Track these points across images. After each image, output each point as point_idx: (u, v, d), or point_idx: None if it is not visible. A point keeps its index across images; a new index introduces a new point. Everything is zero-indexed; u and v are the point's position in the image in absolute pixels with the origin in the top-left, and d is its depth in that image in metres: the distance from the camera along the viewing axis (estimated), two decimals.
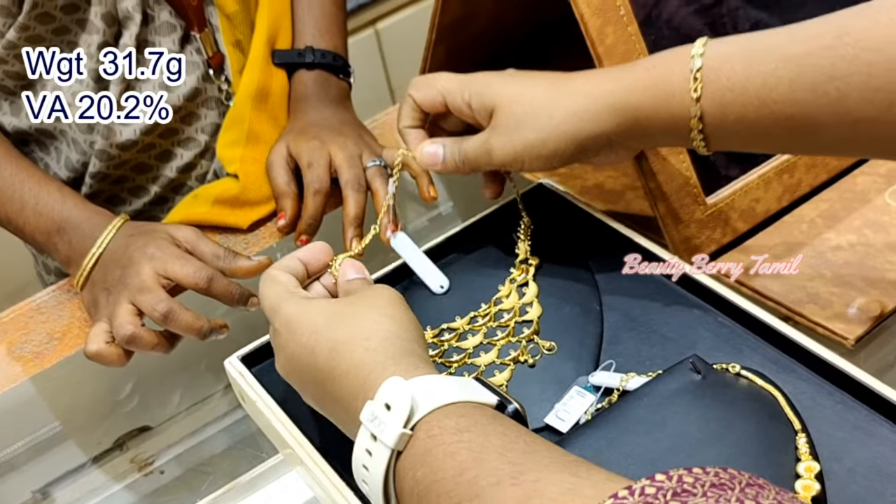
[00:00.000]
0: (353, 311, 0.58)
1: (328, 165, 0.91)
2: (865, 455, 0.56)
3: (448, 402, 0.50)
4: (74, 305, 0.89)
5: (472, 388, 0.53)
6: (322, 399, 0.58)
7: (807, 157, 0.76)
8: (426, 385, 0.51)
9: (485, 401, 0.51)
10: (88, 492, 0.79)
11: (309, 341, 0.57)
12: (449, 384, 0.51)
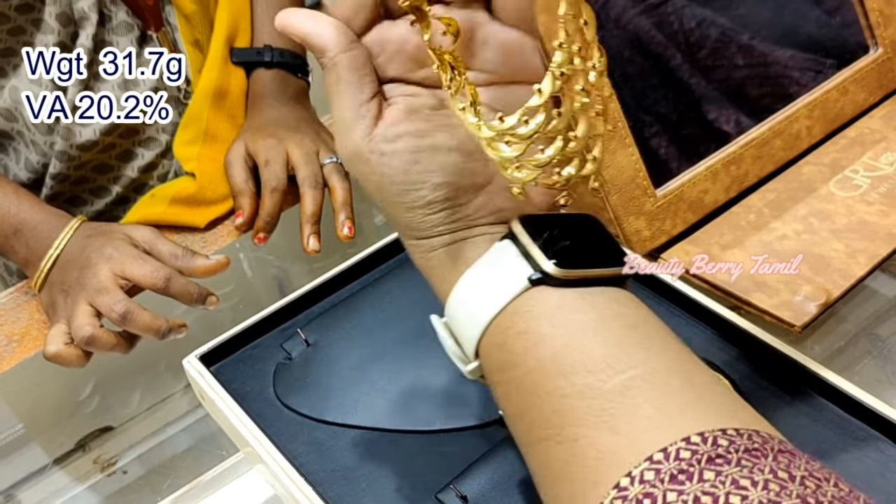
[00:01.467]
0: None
1: (285, 163, 0.91)
2: (811, 439, 0.58)
3: (490, 319, 0.44)
4: (33, 307, 0.89)
5: (508, 273, 0.44)
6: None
7: (753, 149, 0.78)
8: (462, 307, 0.45)
9: (524, 283, 0.43)
10: (52, 493, 0.79)
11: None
12: (482, 286, 0.45)
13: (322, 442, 0.63)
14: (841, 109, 0.83)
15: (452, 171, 0.46)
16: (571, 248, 0.44)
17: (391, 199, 0.47)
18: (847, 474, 0.54)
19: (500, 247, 0.45)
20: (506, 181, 0.45)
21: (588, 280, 0.43)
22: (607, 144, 0.71)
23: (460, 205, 0.46)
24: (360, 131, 0.46)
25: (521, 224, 0.45)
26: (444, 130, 0.47)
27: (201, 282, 0.81)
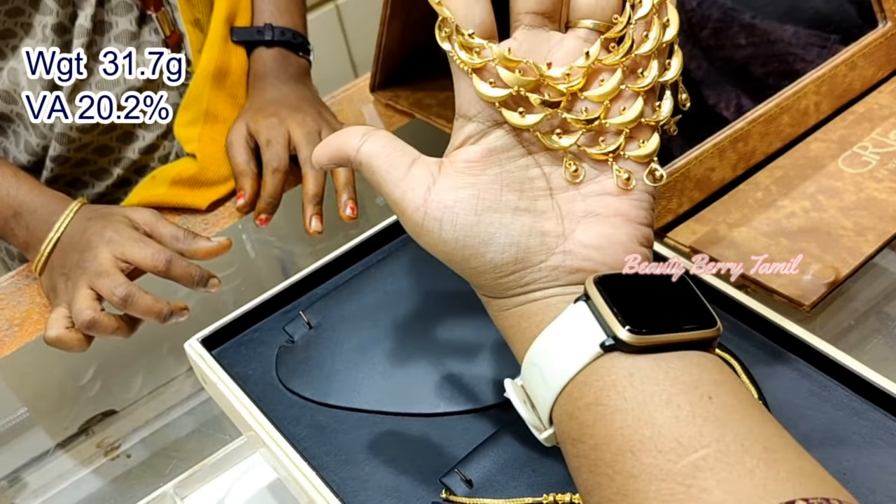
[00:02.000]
0: None
1: (287, 143, 0.90)
2: (821, 421, 0.57)
3: (562, 387, 0.42)
4: (34, 291, 0.89)
5: (580, 339, 0.42)
6: None
7: (760, 125, 0.77)
8: (535, 371, 0.44)
9: (595, 350, 0.41)
10: (55, 477, 0.79)
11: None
12: (554, 351, 0.43)
13: (325, 425, 0.63)
14: (849, 85, 0.82)
15: (520, 231, 0.45)
16: (649, 310, 0.42)
17: (460, 264, 0.46)
18: (857, 455, 0.54)
19: (574, 309, 0.43)
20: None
21: (665, 346, 0.41)
22: None
23: (531, 266, 0.45)
24: (410, 205, 0.46)
25: (597, 285, 0.42)
26: (514, 176, 0.45)
27: (203, 264, 0.81)
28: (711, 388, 0.40)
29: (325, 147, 0.49)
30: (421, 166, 0.46)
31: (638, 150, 0.46)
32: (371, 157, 0.47)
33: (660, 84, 0.46)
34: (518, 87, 0.44)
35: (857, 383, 0.58)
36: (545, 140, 0.45)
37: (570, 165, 0.45)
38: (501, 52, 0.44)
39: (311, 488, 0.57)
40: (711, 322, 0.43)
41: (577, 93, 0.45)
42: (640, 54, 0.45)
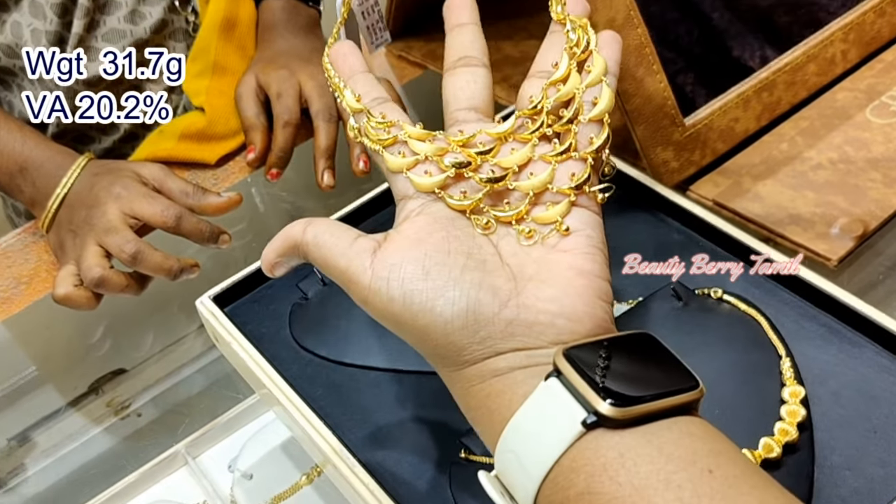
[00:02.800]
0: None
1: (298, 96, 0.89)
2: (850, 378, 0.56)
3: (544, 475, 0.39)
4: (41, 248, 0.87)
5: (558, 418, 0.39)
6: None
7: (786, 74, 0.74)
8: (512, 469, 0.40)
9: (574, 432, 0.38)
10: (66, 437, 0.79)
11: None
12: (531, 435, 0.40)
13: (341, 384, 0.62)
14: (878, 32, 0.79)
15: (470, 284, 0.43)
16: (627, 379, 0.39)
17: (409, 326, 0.44)
18: (887, 412, 0.53)
19: (547, 387, 0.40)
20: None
21: (651, 416, 0.38)
22: (634, 71, 0.68)
23: (484, 320, 0.42)
24: (357, 270, 0.45)
25: (566, 357, 0.39)
26: (461, 243, 0.45)
27: (213, 220, 0.79)
28: (710, 461, 0.37)
29: (271, 245, 0.49)
30: (366, 238, 0.46)
31: (545, 214, 0.46)
32: (316, 235, 0.47)
33: (592, 155, 0.47)
34: (426, 154, 0.47)
35: (886, 339, 0.57)
36: (447, 199, 0.46)
37: (478, 220, 0.46)
38: (410, 131, 0.48)
39: (327, 447, 0.56)
40: (692, 383, 0.40)
41: (488, 159, 0.47)
42: (555, 128, 0.48)
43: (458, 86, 0.50)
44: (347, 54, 0.52)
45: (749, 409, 0.54)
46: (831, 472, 0.51)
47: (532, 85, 0.50)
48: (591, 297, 0.43)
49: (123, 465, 0.73)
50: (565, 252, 0.45)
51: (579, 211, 0.46)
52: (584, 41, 0.49)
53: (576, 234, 0.45)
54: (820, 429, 0.53)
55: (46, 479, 0.76)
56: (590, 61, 0.49)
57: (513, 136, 0.48)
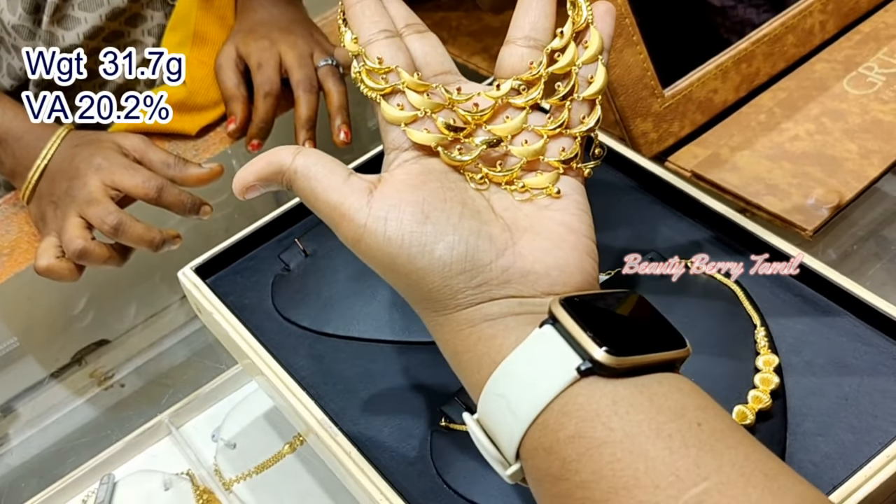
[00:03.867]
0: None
1: (278, 66, 0.89)
2: (824, 347, 0.56)
3: (534, 418, 0.39)
4: (22, 219, 0.87)
5: (552, 364, 0.39)
6: None
7: (764, 45, 0.75)
8: (498, 418, 0.41)
9: (571, 375, 0.38)
10: (49, 408, 0.79)
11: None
12: (522, 379, 0.40)
13: (323, 354, 0.62)
14: (856, 3, 0.80)
15: (469, 230, 0.43)
16: (621, 331, 0.40)
17: (405, 268, 0.43)
18: (859, 381, 0.54)
19: (541, 333, 0.40)
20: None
21: (642, 368, 0.39)
22: (614, 42, 0.68)
23: (481, 266, 0.43)
24: (351, 207, 0.44)
25: (563, 306, 0.40)
26: (456, 194, 0.45)
27: (194, 191, 0.79)
28: (698, 414, 0.38)
29: (250, 166, 0.46)
30: (359, 176, 0.45)
31: (535, 180, 0.47)
32: (308, 165, 0.45)
33: (583, 135, 0.48)
34: (425, 109, 0.46)
35: (860, 309, 0.57)
36: (444, 155, 0.46)
37: (473, 176, 0.46)
38: (408, 79, 0.47)
39: (309, 417, 0.57)
40: (682, 342, 0.41)
41: (483, 125, 0.47)
42: (551, 101, 0.48)
43: (424, 50, 0.49)
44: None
45: (724, 377, 0.55)
46: (803, 439, 0.52)
47: (512, 52, 0.49)
48: (582, 254, 0.44)
49: (107, 435, 0.74)
50: (555, 211, 0.46)
51: (566, 178, 0.47)
52: (583, 12, 0.49)
53: (564, 197, 0.46)
54: (793, 396, 0.54)
55: (30, 450, 0.76)
56: (587, 35, 0.48)
57: (507, 101, 0.48)
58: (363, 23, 0.48)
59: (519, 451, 0.40)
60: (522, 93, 0.48)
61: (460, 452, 0.54)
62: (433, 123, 0.46)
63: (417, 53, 0.49)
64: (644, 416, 0.37)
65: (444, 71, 0.49)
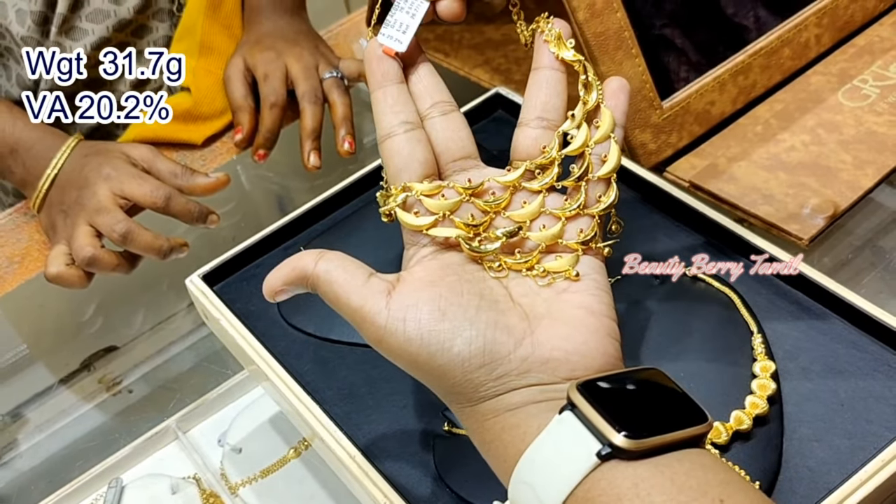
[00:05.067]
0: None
1: (284, 78, 0.90)
2: (819, 353, 0.57)
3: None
4: (32, 228, 0.88)
5: (573, 450, 0.40)
6: None
7: (761, 58, 0.76)
8: (527, 490, 0.41)
9: (589, 463, 0.39)
10: (58, 413, 0.80)
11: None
12: (546, 467, 0.41)
13: (328, 360, 0.63)
14: (850, 17, 0.81)
15: (486, 324, 0.44)
16: (640, 412, 0.40)
17: (427, 366, 0.44)
18: (854, 387, 0.55)
19: (561, 420, 0.41)
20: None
21: (663, 448, 0.39)
22: (613, 55, 0.70)
23: (500, 358, 0.43)
24: (372, 309, 0.45)
25: (580, 391, 0.41)
26: (473, 286, 0.46)
27: (201, 200, 0.81)
28: (721, 490, 0.38)
29: (277, 272, 0.48)
30: (378, 278, 0.46)
31: (554, 263, 0.47)
32: (328, 270, 0.46)
33: (600, 214, 0.49)
34: (442, 211, 0.47)
35: (855, 316, 0.58)
36: (465, 248, 0.47)
37: (491, 265, 0.47)
38: (419, 188, 0.48)
39: (314, 421, 0.58)
40: (703, 416, 0.41)
41: (501, 212, 0.49)
42: (566, 183, 0.49)
43: (446, 135, 0.50)
44: (383, 58, 0.50)
45: (721, 383, 0.56)
46: (800, 444, 0.53)
47: (526, 135, 0.50)
48: (602, 336, 0.45)
49: (115, 440, 0.74)
50: (574, 293, 0.46)
51: (585, 258, 0.48)
52: (593, 92, 0.50)
53: (583, 277, 0.47)
54: (789, 402, 0.55)
55: (39, 455, 0.77)
56: (598, 114, 0.49)
57: (521, 185, 0.49)
58: (384, 113, 0.49)
59: None
60: (537, 176, 0.49)
61: (463, 457, 0.55)
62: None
63: (439, 138, 0.50)
64: (666, 498, 0.37)
65: (463, 156, 0.50)
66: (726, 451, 0.53)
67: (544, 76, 0.50)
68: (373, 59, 0.50)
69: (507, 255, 0.48)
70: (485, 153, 0.67)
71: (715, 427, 0.53)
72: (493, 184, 0.49)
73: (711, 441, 0.53)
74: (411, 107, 0.50)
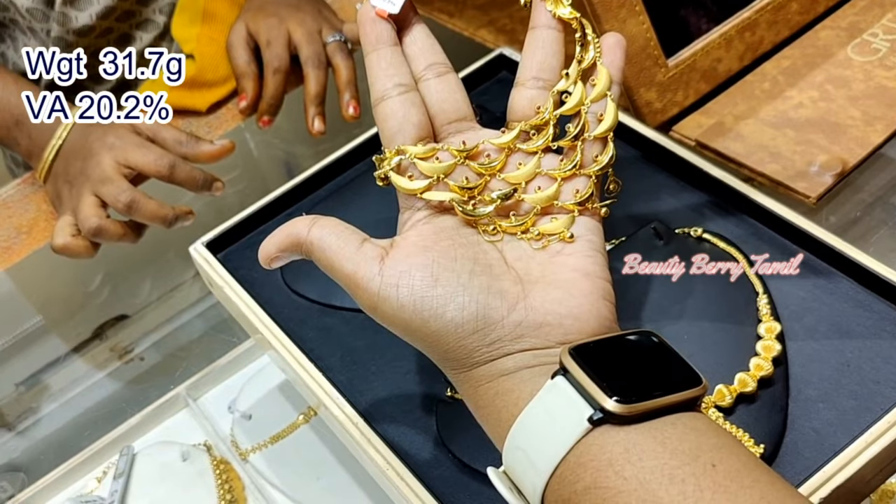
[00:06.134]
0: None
1: (287, 43, 0.89)
2: (826, 313, 0.57)
3: (552, 471, 0.39)
4: (39, 198, 0.89)
5: (565, 415, 0.40)
6: None
7: (768, 13, 0.75)
8: (520, 455, 0.41)
9: (583, 426, 0.39)
10: (71, 381, 0.81)
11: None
12: (539, 432, 0.40)
13: (331, 327, 0.63)
14: None
15: (479, 289, 0.44)
16: (633, 376, 0.40)
17: (420, 332, 0.44)
18: (861, 347, 0.55)
19: (553, 385, 0.41)
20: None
21: (656, 412, 0.39)
22: (616, 12, 0.69)
23: (493, 323, 0.43)
24: (364, 276, 0.45)
25: (572, 356, 0.40)
26: (466, 250, 0.45)
27: (207, 167, 0.80)
28: (713, 455, 0.38)
29: (272, 238, 0.48)
30: (372, 243, 0.46)
31: (549, 225, 0.47)
32: (322, 237, 0.46)
33: (597, 173, 0.48)
34: (436, 174, 0.47)
35: (862, 275, 0.58)
36: (460, 212, 0.47)
37: (486, 228, 0.47)
38: (413, 151, 0.47)
39: (318, 389, 0.58)
40: (697, 380, 0.41)
41: (497, 174, 0.48)
42: (563, 142, 0.48)
43: (441, 97, 0.49)
44: (376, 20, 0.50)
45: (726, 344, 0.56)
46: (805, 405, 0.53)
47: (522, 95, 0.49)
48: (596, 298, 0.45)
49: (126, 408, 0.75)
50: (569, 255, 0.46)
51: (581, 218, 0.47)
52: (590, 50, 0.49)
53: (578, 239, 0.47)
54: (795, 363, 0.55)
55: (53, 422, 0.78)
56: (594, 72, 0.48)
57: (516, 146, 0.49)
58: (378, 76, 0.49)
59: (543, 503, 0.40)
60: (533, 137, 0.48)
61: (466, 422, 0.55)
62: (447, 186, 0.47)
63: (433, 100, 0.49)
64: (657, 462, 0.37)
65: (458, 118, 0.50)
66: (731, 413, 0.53)
67: (541, 35, 0.49)
68: (366, 22, 0.50)
69: (502, 218, 0.48)
70: (488, 115, 0.67)
71: (719, 390, 0.53)
72: (487, 146, 0.48)
73: (715, 404, 0.53)
74: (405, 69, 0.49)
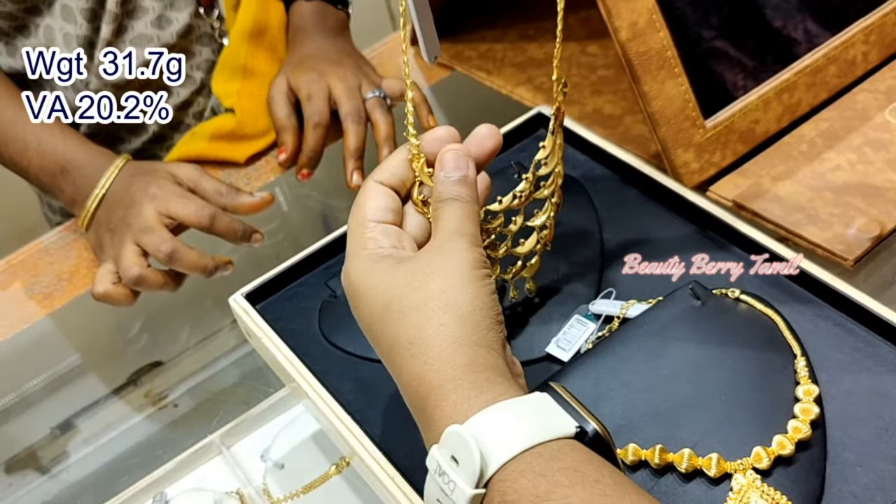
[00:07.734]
0: (410, 300, 0.50)
1: (327, 97, 0.90)
2: (864, 377, 0.57)
3: (522, 450, 0.43)
4: (81, 246, 0.90)
5: (545, 418, 0.45)
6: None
7: (806, 76, 0.75)
8: (494, 428, 0.44)
9: (563, 433, 0.44)
10: (105, 426, 0.81)
11: (370, 319, 0.53)
12: (519, 420, 0.44)
13: (368, 380, 0.64)
14: None
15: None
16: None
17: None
18: None
19: (541, 397, 0.46)
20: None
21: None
22: (656, 74, 0.69)
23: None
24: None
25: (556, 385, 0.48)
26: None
27: (246, 219, 0.81)
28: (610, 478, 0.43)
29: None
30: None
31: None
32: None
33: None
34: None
35: None
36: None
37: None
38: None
39: (353, 440, 0.58)
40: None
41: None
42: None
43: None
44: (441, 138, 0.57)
45: (764, 406, 0.55)
46: (843, 469, 0.53)
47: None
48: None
49: (160, 454, 0.75)
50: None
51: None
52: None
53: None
54: (833, 426, 0.55)
55: (87, 467, 0.78)
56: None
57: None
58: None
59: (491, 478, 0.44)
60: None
61: None
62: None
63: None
64: (622, 478, 0.44)
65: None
66: (768, 475, 0.52)
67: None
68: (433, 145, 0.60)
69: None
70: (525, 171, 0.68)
71: (756, 452, 0.52)
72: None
73: (753, 465, 0.52)
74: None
